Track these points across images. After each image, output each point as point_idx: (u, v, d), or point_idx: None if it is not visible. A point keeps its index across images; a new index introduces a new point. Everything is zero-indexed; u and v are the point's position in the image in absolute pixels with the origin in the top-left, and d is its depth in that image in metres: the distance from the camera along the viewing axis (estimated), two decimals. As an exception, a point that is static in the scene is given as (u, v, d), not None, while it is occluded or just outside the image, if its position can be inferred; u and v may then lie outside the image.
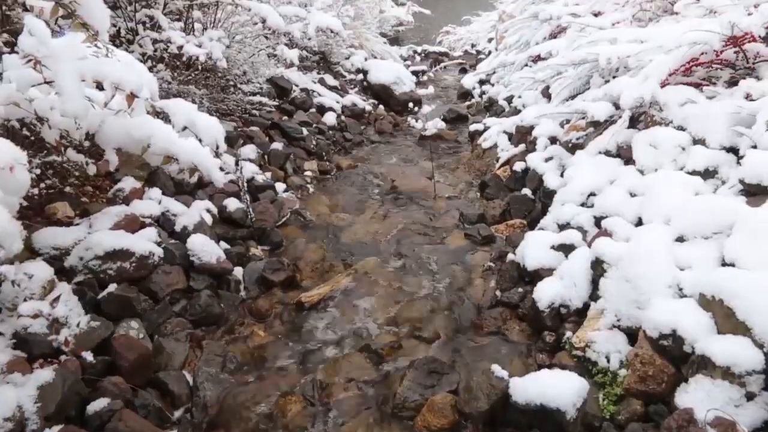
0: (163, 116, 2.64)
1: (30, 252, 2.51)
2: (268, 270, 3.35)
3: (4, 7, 2.50)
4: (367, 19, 9.81)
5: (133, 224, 2.95)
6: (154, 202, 3.21)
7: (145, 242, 2.87)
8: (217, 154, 2.69)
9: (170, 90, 4.27)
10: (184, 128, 2.56)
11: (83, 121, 2.30)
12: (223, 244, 3.41)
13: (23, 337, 2.21)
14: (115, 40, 4.24)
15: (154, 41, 4.26)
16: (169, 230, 3.19)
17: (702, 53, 3.30)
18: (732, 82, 3.34)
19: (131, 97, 2.24)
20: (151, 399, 2.35)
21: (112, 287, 2.65)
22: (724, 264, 2.25)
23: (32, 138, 2.57)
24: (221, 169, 2.96)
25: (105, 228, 2.80)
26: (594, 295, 2.64)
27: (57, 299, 2.31)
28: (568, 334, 2.57)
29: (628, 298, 2.37)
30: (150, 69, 3.95)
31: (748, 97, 3.04)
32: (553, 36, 5.71)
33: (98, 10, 2.11)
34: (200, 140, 2.65)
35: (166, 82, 4.25)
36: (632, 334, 2.34)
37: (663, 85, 3.32)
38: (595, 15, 5.19)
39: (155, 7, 4.42)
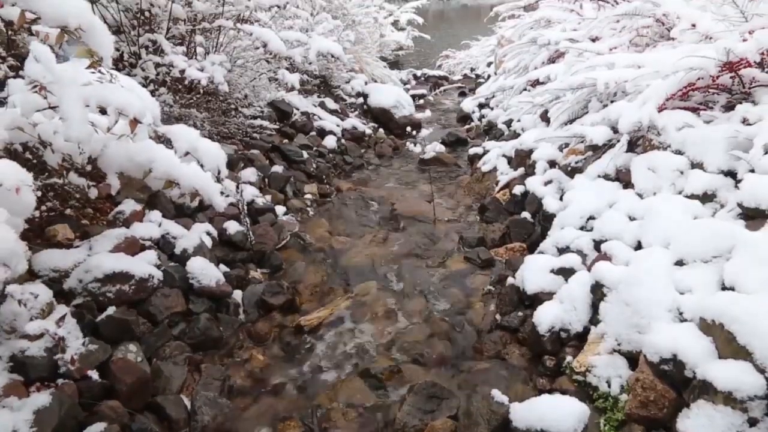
0: (165, 141, 2.66)
1: (29, 274, 2.51)
2: (267, 293, 3.34)
3: (9, 32, 2.54)
4: (367, 43, 9.92)
5: (133, 247, 2.95)
6: (154, 225, 3.21)
7: (145, 265, 2.87)
8: (219, 179, 2.71)
9: (172, 113, 4.30)
10: (186, 153, 2.58)
11: (86, 146, 2.32)
12: (223, 267, 3.40)
13: (20, 360, 2.19)
14: (118, 63, 4.28)
15: (157, 65, 4.31)
16: (168, 253, 3.19)
17: (698, 78, 3.33)
18: (729, 107, 3.37)
19: (134, 122, 2.27)
20: (148, 423, 2.33)
21: (111, 310, 2.63)
22: (724, 288, 2.24)
23: (34, 161, 2.58)
24: (222, 193, 2.97)
25: (105, 250, 2.80)
26: (594, 319, 2.63)
27: (63, 318, 2.30)
28: (569, 358, 2.56)
29: (629, 322, 2.37)
30: (152, 93, 3.99)
31: (744, 121, 3.06)
32: (552, 61, 5.77)
33: (103, 36, 2.14)
34: (202, 165, 2.67)
35: (168, 105, 4.29)
36: (633, 359, 2.33)
37: (660, 109, 3.35)
38: (593, 40, 5.24)
39: (158, 32, 4.47)
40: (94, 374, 2.31)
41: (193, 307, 3.02)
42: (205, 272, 3.12)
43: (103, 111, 2.32)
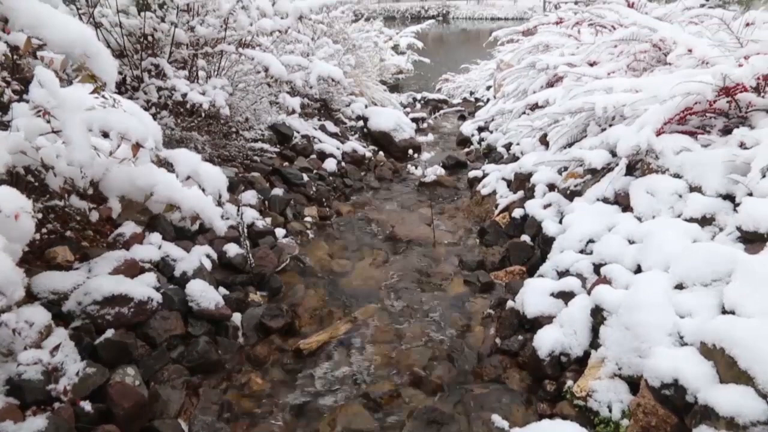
0: (167, 164, 2.68)
1: (28, 296, 2.51)
2: (266, 316, 3.33)
3: (14, 56, 2.57)
4: (367, 67, 10.01)
5: (132, 269, 2.95)
6: (154, 247, 3.22)
7: (144, 287, 2.86)
8: (220, 203, 2.72)
9: (173, 136, 4.33)
10: (188, 177, 2.60)
11: (88, 170, 2.34)
12: (222, 290, 3.40)
13: (17, 383, 2.18)
14: (121, 87, 4.32)
15: (159, 89, 4.35)
16: (168, 275, 3.19)
17: (696, 103, 3.37)
18: (726, 131, 3.40)
19: (137, 147, 2.29)
20: (145, 448, 2.31)
21: (110, 333, 2.63)
22: (724, 312, 2.24)
23: (36, 183, 2.60)
24: (222, 216, 2.98)
25: (104, 273, 2.80)
26: (594, 343, 2.62)
27: (57, 348, 2.29)
28: (569, 382, 2.55)
29: (629, 346, 2.36)
30: (154, 116, 4.03)
31: (742, 145, 3.08)
32: (550, 85, 5.82)
33: (107, 62, 2.17)
34: (203, 189, 2.69)
35: (170, 128, 4.32)
36: (634, 383, 2.32)
37: (658, 133, 3.38)
38: (591, 65, 5.29)
39: (161, 56, 4.52)
40: (86, 405, 2.29)
41: (192, 329, 3.01)
42: (205, 295, 3.11)
43: (105, 135, 2.34)
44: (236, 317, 3.29)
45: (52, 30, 2.03)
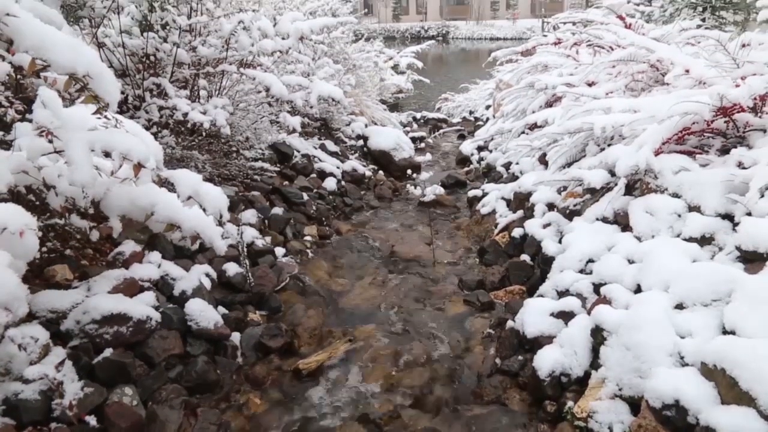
0: (168, 184, 2.69)
1: (27, 315, 2.50)
2: (265, 336, 3.32)
3: (18, 76, 2.59)
4: (368, 87, 10.09)
5: (131, 288, 2.95)
6: (153, 266, 3.21)
7: (143, 306, 2.86)
8: (221, 223, 2.73)
9: (174, 155, 4.35)
10: (189, 197, 2.61)
11: (90, 190, 2.35)
12: (221, 309, 3.39)
13: (14, 403, 2.17)
14: (123, 106, 4.35)
15: (160, 108, 4.38)
16: (167, 294, 3.18)
17: (693, 123, 3.39)
18: (724, 150, 3.41)
19: (138, 167, 2.30)
20: (142, 470, 2.29)
21: (108, 352, 2.62)
22: (724, 332, 2.24)
23: (37, 202, 2.60)
24: (222, 236, 2.98)
25: (103, 291, 2.80)
26: (595, 364, 2.61)
27: (62, 363, 2.29)
28: (570, 403, 2.53)
29: (630, 366, 2.35)
30: (155, 135, 4.05)
31: (740, 165, 3.10)
32: (549, 105, 5.85)
33: (110, 83, 2.19)
34: (204, 209, 2.70)
35: (170, 147, 4.34)
36: (635, 404, 2.30)
37: (657, 153, 3.39)
38: (590, 85, 5.33)
39: (163, 76, 4.56)
40: (92, 419, 2.28)
41: (191, 349, 3.00)
42: (204, 314, 3.10)
43: (107, 154, 2.36)
44: (235, 336, 3.28)
45: (56, 52, 2.05)
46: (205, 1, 4.64)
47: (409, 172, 7.16)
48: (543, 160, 5.12)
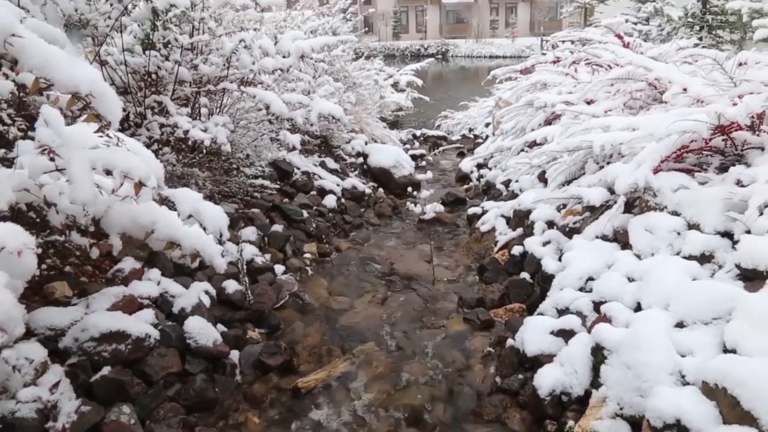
0: (168, 202, 2.70)
1: (26, 332, 2.49)
2: (264, 354, 3.30)
3: (21, 94, 2.61)
4: (368, 104, 10.15)
5: (130, 305, 2.95)
6: (153, 283, 3.21)
7: (142, 324, 2.85)
8: (221, 242, 2.73)
9: (174, 172, 4.36)
10: (189, 216, 2.62)
11: (91, 208, 2.35)
12: (221, 327, 3.38)
13: (10, 422, 2.16)
14: (124, 123, 4.37)
15: (162, 125, 4.40)
16: (166, 312, 3.17)
17: (692, 141, 3.40)
18: (722, 168, 3.43)
19: (139, 185, 2.31)
20: (139, 490, 2.26)
21: (106, 370, 2.61)
22: (725, 350, 2.23)
23: (38, 219, 2.61)
24: (222, 254, 2.99)
25: (102, 308, 2.79)
26: (595, 382, 2.60)
27: (56, 385, 2.28)
28: (571, 422, 2.51)
29: (630, 385, 2.33)
30: (156, 152, 4.07)
31: (738, 182, 3.11)
32: (548, 122, 5.88)
33: (112, 102, 2.21)
34: (204, 228, 2.70)
35: (171, 164, 4.36)
36: (636, 423, 2.28)
37: (656, 171, 3.40)
38: (588, 103, 5.36)
39: (164, 94, 4.59)
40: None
41: (190, 367, 2.98)
42: (203, 332, 3.09)
43: (108, 172, 2.37)
44: (234, 354, 3.26)
45: (59, 71, 2.07)
46: (207, 20, 4.68)
47: (409, 189, 7.14)
48: (542, 178, 5.14)
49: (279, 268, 4.42)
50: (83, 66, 2.19)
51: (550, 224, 4.31)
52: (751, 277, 2.54)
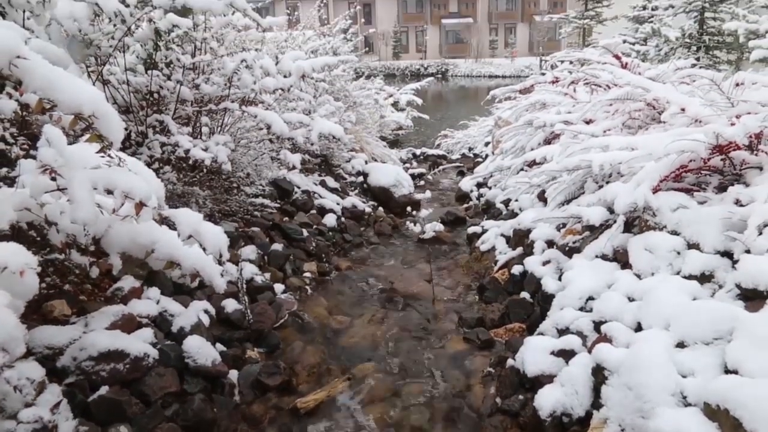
0: (168, 222, 2.70)
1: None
2: (263, 374, 3.28)
3: (24, 114, 2.63)
4: (368, 123, 10.21)
5: (129, 324, 2.94)
6: (152, 302, 3.21)
7: (141, 343, 2.84)
8: (220, 262, 2.74)
9: (175, 191, 4.38)
10: (189, 236, 2.62)
11: (91, 227, 2.36)
12: (220, 346, 3.36)
13: (8, 442, 2.14)
14: (125, 142, 4.39)
15: (163, 144, 4.42)
16: (165, 331, 3.16)
17: (690, 160, 3.42)
18: (721, 188, 3.44)
19: (140, 205, 2.32)
20: None
21: (104, 390, 2.59)
22: (727, 371, 2.22)
23: (38, 238, 2.61)
24: (222, 273, 2.99)
25: (101, 327, 2.78)
26: (596, 403, 2.58)
27: (57, 405, 2.26)
28: (572, 444, 2.49)
29: (631, 406, 2.32)
30: (157, 171, 4.08)
31: (737, 202, 3.12)
32: (548, 142, 5.91)
33: (114, 123, 2.23)
34: (204, 248, 2.71)
35: (171, 183, 4.37)
36: (638, 445, 2.27)
37: (655, 190, 3.42)
38: (587, 122, 5.39)
39: (166, 113, 4.62)
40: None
41: (188, 387, 2.96)
42: (202, 351, 3.08)
43: (109, 192, 2.38)
44: (233, 374, 3.24)
45: (63, 92, 2.09)
46: (209, 40, 4.73)
47: (408, 208, 7.19)
48: (542, 197, 5.15)
49: (279, 287, 4.41)
50: (86, 87, 2.21)
51: (550, 244, 4.31)
52: (751, 297, 2.54)
